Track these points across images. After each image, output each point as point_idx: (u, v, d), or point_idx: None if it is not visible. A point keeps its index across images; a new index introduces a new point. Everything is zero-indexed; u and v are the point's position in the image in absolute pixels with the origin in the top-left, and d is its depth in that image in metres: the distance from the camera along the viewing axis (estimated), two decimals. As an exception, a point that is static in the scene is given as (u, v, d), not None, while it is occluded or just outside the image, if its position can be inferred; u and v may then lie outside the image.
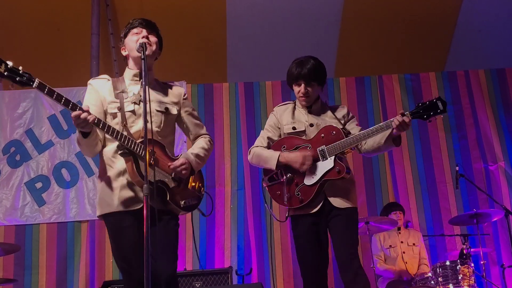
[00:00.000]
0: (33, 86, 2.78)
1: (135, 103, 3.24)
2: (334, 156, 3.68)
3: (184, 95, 3.48)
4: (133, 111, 3.22)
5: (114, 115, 3.22)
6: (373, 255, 5.58)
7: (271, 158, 3.76)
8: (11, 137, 6.34)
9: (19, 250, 5.53)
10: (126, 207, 3.15)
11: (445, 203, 6.61)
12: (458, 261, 5.34)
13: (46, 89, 2.82)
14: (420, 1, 6.73)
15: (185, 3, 6.47)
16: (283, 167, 3.74)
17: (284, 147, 3.81)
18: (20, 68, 2.77)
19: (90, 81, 3.37)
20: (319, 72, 3.83)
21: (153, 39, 3.31)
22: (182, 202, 3.28)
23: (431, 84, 7.01)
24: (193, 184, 3.39)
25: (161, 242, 3.13)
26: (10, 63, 2.75)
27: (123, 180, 3.18)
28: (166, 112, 3.33)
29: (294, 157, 3.70)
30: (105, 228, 3.39)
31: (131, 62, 3.37)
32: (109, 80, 3.33)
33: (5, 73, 2.72)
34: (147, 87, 2.98)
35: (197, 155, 3.37)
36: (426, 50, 7.05)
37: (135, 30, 3.30)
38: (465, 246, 5.52)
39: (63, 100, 2.87)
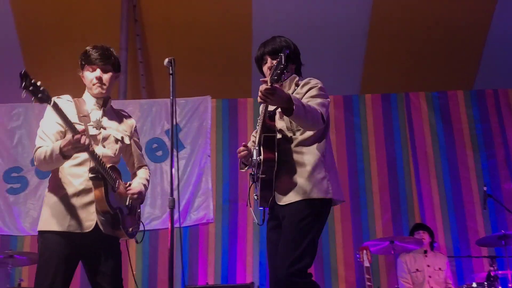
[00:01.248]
0: (50, 104, 2.88)
1: (96, 128, 3.30)
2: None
3: (134, 127, 3.56)
4: (93, 136, 3.27)
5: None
6: (398, 278, 5.50)
7: None
8: (40, 148, 6.42)
9: (45, 261, 5.59)
10: (76, 229, 3.15)
11: (472, 223, 6.49)
12: (485, 283, 5.22)
13: (58, 110, 2.93)
14: (449, 18, 6.69)
15: (212, 19, 6.53)
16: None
17: None
18: (39, 83, 2.83)
19: (55, 99, 3.24)
20: (285, 46, 3.38)
21: (106, 76, 3.34)
22: (130, 229, 3.35)
23: (459, 102, 6.93)
24: (138, 211, 3.49)
25: (108, 269, 3.20)
26: (33, 80, 2.81)
27: (80, 200, 3.19)
28: (121, 141, 3.41)
29: None
30: (128, 240, 3.42)
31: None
32: (71, 101, 3.35)
33: (30, 88, 2.78)
34: (173, 108, 3.00)
35: (145, 186, 3.48)
36: (455, 68, 6.99)
37: (88, 68, 3.33)
38: (492, 268, 5.40)
39: (68, 122, 2.96)
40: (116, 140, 3.38)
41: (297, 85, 3.34)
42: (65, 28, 6.52)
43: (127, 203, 3.33)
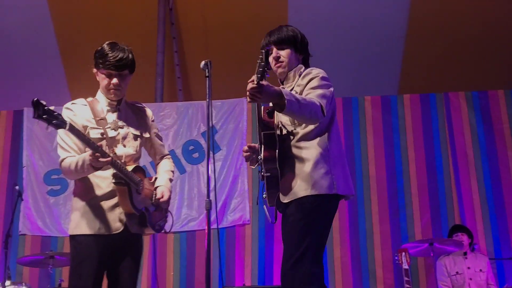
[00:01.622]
0: (66, 128, 2.90)
1: (114, 129, 3.30)
2: None
3: (152, 118, 3.55)
4: (113, 138, 3.28)
5: (96, 140, 3.19)
6: (438, 281, 5.41)
7: None
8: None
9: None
10: (106, 231, 3.18)
11: (514, 225, 6.37)
12: (528, 286, 5.12)
13: (75, 131, 2.95)
14: (488, 17, 6.56)
15: (248, 20, 6.54)
16: None
17: None
18: (52, 107, 2.87)
19: (69, 106, 3.35)
20: (292, 35, 3.28)
21: (122, 82, 3.31)
22: (157, 225, 3.37)
23: (499, 102, 6.78)
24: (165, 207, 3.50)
25: (127, 271, 3.23)
26: (44, 102, 2.83)
27: (108, 202, 3.21)
28: (140, 136, 3.42)
29: None
30: (166, 241, 3.46)
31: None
32: (86, 105, 3.34)
33: (44, 116, 2.82)
34: (209, 109, 3.01)
35: (170, 180, 3.48)
36: (495, 67, 6.85)
37: (105, 72, 3.28)
38: (535, 270, 5.29)
39: (90, 142, 2.99)
40: (135, 137, 3.38)
41: (300, 75, 3.21)
42: (103, 32, 6.61)
43: (153, 201, 3.35)
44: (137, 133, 3.40)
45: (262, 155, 2.99)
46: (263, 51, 2.81)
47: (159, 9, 6.34)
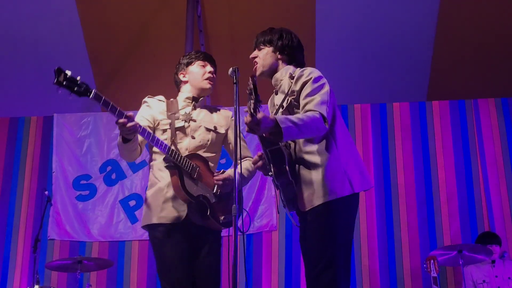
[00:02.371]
0: (90, 97, 2.89)
1: (185, 121, 3.38)
2: None
3: (231, 117, 3.57)
4: (182, 128, 3.36)
5: (164, 131, 3.35)
6: (465, 292, 5.35)
7: None
8: (108, 156, 6.61)
9: (112, 266, 5.74)
10: (168, 220, 3.24)
11: (545, 233, 6.25)
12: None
13: (102, 100, 2.93)
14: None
15: (275, 27, 6.53)
16: None
17: None
18: (78, 78, 2.86)
19: (146, 99, 3.52)
20: (267, 33, 3.25)
21: (214, 76, 3.52)
22: (222, 218, 3.33)
23: (530, 109, 6.69)
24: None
25: (205, 265, 3.27)
26: (69, 72, 2.84)
27: (171, 191, 3.27)
28: (214, 130, 3.46)
29: None
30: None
31: (187, 87, 3.52)
32: (163, 101, 3.49)
33: (64, 83, 2.81)
34: (237, 113, 3.01)
35: (241, 175, 3.38)
36: (526, 73, 6.74)
37: (201, 63, 3.49)
38: None
39: (117, 111, 2.98)
40: (208, 130, 3.44)
41: (292, 78, 3.11)
42: (132, 39, 6.68)
43: (214, 191, 3.33)
44: (211, 127, 3.46)
45: (272, 171, 2.92)
46: (249, 82, 2.75)
47: (187, 16, 6.37)
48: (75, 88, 2.84)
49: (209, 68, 3.49)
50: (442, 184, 6.41)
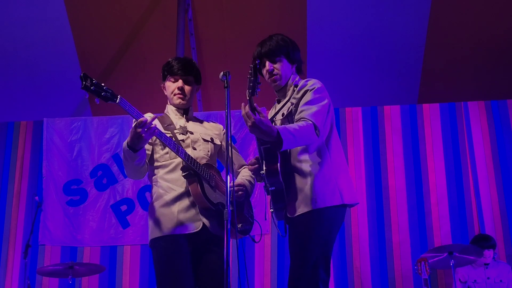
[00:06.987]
0: (116, 102, 2.95)
1: (182, 133, 3.38)
2: None
3: (223, 130, 3.58)
4: (182, 141, 3.35)
5: (164, 145, 3.27)
6: (455, 291, 5.36)
7: None
8: (99, 161, 6.58)
9: (104, 271, 5.72)
10: (183, 230, 3.19)
11: (536, 235, 6.28)
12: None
13: (127, 107, 2.98)
14: (509, 24, 6.51)
15: (267, 31, 6.52)
16: None
17: None
18: (103, 84, 2.94)
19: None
20: (283, 45, 3.25)
21: (187, 87, 3.44)
22: (239, 225, 3.31)
23: (519, 112, 6.73)
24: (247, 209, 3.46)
25: (211, 274, 3.21)
26: (94, 80, 2.90)
27: (183, 202, 3.23)
28: (212, 141, 3.46)
29: None
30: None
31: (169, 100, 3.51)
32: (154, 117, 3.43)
33: (92, 88, 2.86)
34: (229, 116, 3.02)
35: (250, 182, 3.44)
36: (515, 76, 6.79)
37: (171, 78, 3.44)
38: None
39: (136, 114, 3.03)
40: (206, 141, 3.44)
41: (296, 86, 3.20)
42: (123, 43, 6.67)
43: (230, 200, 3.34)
44: (207, 138, 3.46)
45: (264, 169, 2.98)
46: (252, 65, 2.83)
47: (178, 20, 6.38)
48: (102, 94, 2.90)
49: (178, 83, 3.42)
50: (432, 186, 6.43)
